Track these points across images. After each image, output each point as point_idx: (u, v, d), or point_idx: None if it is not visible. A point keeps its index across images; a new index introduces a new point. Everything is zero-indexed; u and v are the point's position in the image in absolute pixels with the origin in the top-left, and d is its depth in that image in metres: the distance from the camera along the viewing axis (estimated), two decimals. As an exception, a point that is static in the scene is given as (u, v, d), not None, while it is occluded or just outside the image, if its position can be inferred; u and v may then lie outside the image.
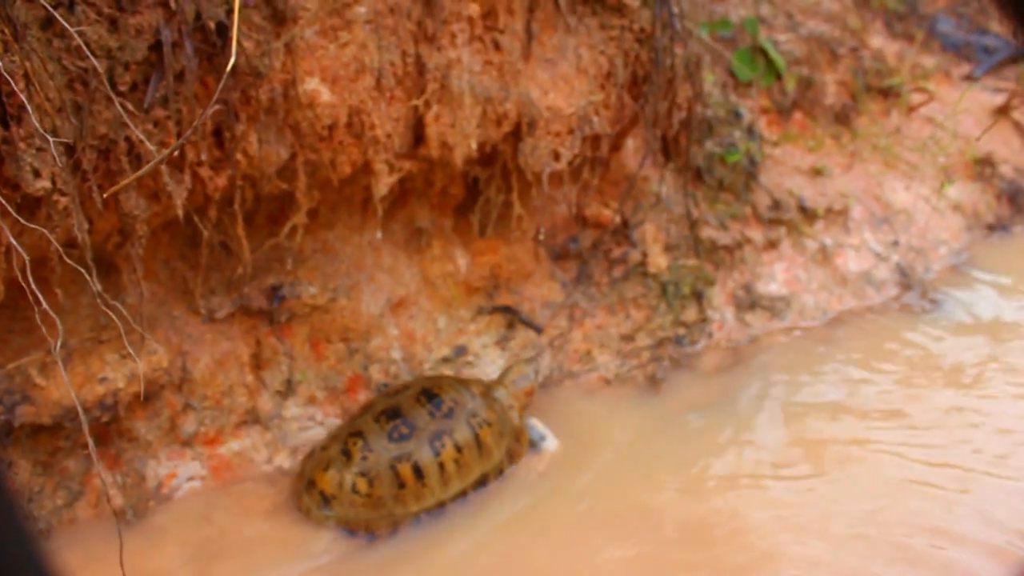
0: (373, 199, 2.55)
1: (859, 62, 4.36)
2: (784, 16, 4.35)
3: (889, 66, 4.52)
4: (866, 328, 3.23)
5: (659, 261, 3.01)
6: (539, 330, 2.85)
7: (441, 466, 2.22)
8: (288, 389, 2.60)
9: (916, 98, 4.46)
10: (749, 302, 3.16)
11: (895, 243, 3.68)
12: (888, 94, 4.39)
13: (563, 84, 2.61)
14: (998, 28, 5.82)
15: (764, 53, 3.93)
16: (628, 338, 2.93)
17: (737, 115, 3.55)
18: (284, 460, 2.52)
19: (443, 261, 2.83)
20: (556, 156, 2.61)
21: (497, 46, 2.50)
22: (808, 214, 3.53)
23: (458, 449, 2.25)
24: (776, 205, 3.43)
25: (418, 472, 2.21)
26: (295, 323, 2.62)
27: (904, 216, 3.84)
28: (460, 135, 2.48)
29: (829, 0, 4.75)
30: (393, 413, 2.27)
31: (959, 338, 3.19)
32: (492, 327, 2.86)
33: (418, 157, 2.55)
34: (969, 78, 5.21)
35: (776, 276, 3.30)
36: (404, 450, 2.21)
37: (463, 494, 2.29)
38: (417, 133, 2.51)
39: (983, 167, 4.26)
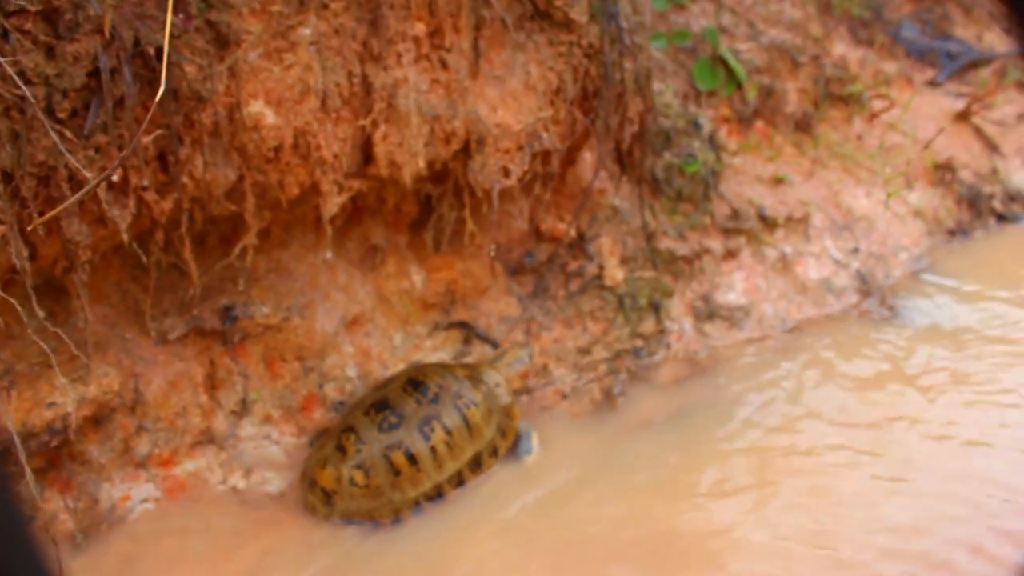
0: (327, 218, 2.54)
1: (820, 70, 4.37)
2: (746, 25, 4.36)
3: (851, 73, 4.53)
4: (825, 337, 3.22)
5: (615, 274, 3.00)
6: (495, 345, 2.84)
7: (433, 450, 2.29)
8: (243, 409, 2.59)
9: (878, 105, 4.47)
10: (708, 312, 3.16)
11: (855, 250, 3.68)
12: (850, 101, 4.40)
13: (512, 101, 2.60)
14: (962, 33, 5.83)
15: (724, 63, 3.93)
16: (585, 351, 2.93)
17: (697, 125, 3.55)
18: (239, 480, 2.51)
19: (398, 278, 2.82)
20: (506, 173, 2.60)
21: (444, 64, 2.49)
22: (768, 223, 3.53)
23: (448, 432, 2.32)
24: (735, 214, 3.43)
25: (411, 458, 2.28)
26: (249, 343, 2.60)
27: (865, 223, 3.85)
28: (408, 154, 2.47)
29: (792, 8, 4.76)
30: (381, 405, 2.35)
31: (917, 345, 3.19)
32: (448, 343, 2.85)
33: (368, 176, 2.54)
34: (932, 84, 5.23)
35: (735, 286, 3.30)
36: (395, 439, 2.28)
37: (459, 476, 2.37)
38: (366, 152, 2.51)
39: (944, 172, 4.27)
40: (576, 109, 2.75)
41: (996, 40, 5.83)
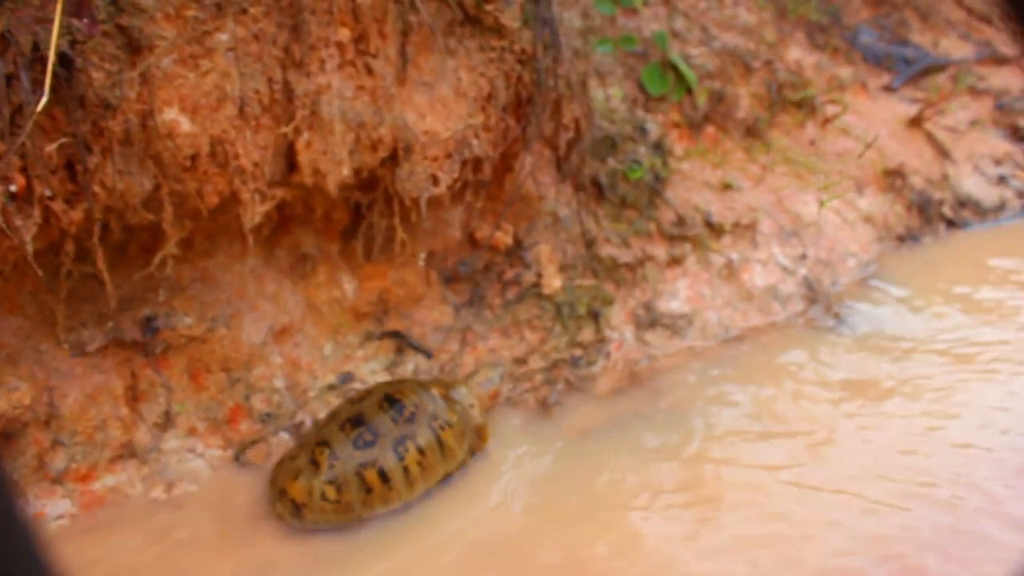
0: (252, 227, 2.46)
1: (774, 75, 4.31)
2: (699, 30, 4.30)
3: (805, 78, 4.48)
4: (768, 345, 3.16)
5: (554, 282, 2.93)
6: (429, 355, 2.77)
7: (406, 470, 2.28)
8: (166, 421, 2.50)
9: (831, 110, 4.42)
10: (650, 321, 3.09)
11: (803, 256, 3.62)
12: (803, 106, 4.35)
13: (441, 107, 2.53)
14: (918, 39, 5.80)
15: (675, 68, 3.86)
16: (521, 361, 2.85)
17: (643, 131, 3.49)
18: (160, 493, 2.42)
19: (329, 287, 2.74)
20: (435, 181, 2.53)
21: (370, 71, 2.41)
22: (715, 229, 3.47)
23: (421, 452, 2.30)
24: (681, 221, 3.36)
25: (384, 477, 2.26)
26: (172, 354, 2.51)
27: (813, 229, 3.79)
28: (332, 162, 2.39)
29: (746, 13, 4.70)
30: (357, 421, 2.31)
31: (860, 354, 3.14)
32: (381, 353, 2.77)
33: (292, 185, 2.46)
34: (888, 89, 5.19)
35: (679, 293, 3.24)
36: (369, 457, 2.26)
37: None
38: (289, 160, 2.43)
39: (894, 178, 4.22)
40: (509, 115, 2.68)
41: (952, 46, 5.80)
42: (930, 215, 4.20)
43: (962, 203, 4.37)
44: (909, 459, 2.60)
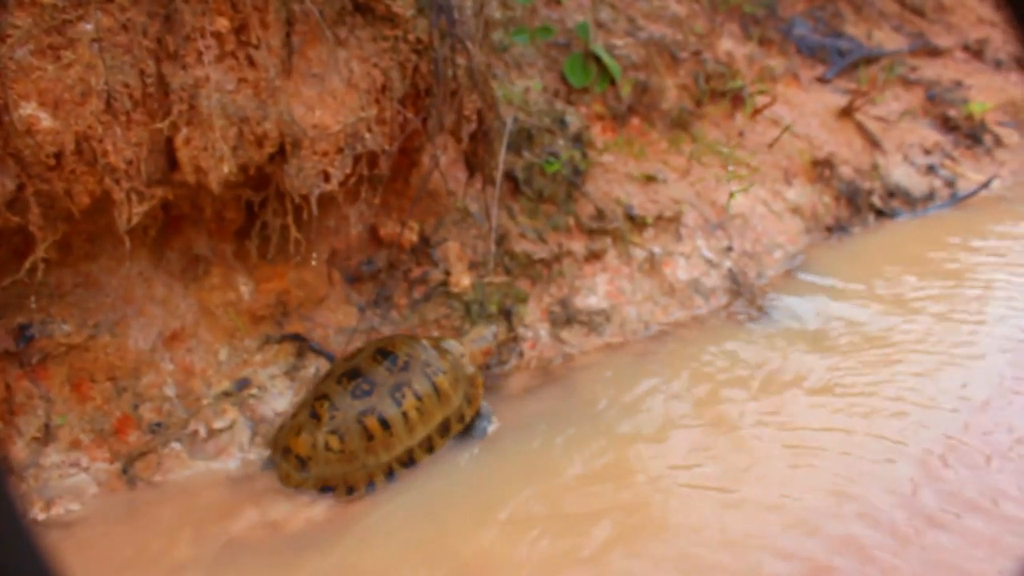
0: (137, 229, 2.29)
1: (702, 66, 4.18)
2: (626, 20, 4.16)
3: (735, 69, 4.35)
4: (688, 340, 3.03)
5: (463, 280, 2.78)
6: (331, 358, 2.61)
7: (404, 415, 2.30)
8: (47, 435, 2.32)
9: (761, 101, 4.30)
10: (566, 317, 2.95)
11: (728, 249, 3.50)
12: (732, 98, 4.22)
13: (332, 100, 2.36)
14: (853, 31, 5.71)
15: (598, 59, 3.72)
16: (431, 362, 2.70)
17: (563, 123, 3.34)
18: (39, 512, 2.24)
19: (224, 289, 2.57)
20: (326, 177, 2.36)
21: (252, 62, 2.24)
22: (637, 222, 3.33)
23: (418, 398, 2.32)
24: (600, 214, 3.22)
25: (384, 423, 2.28)
26: (51, 364, 2.33)
27: (740, 220, 3.67)
28: (214, 158, 2.22)
29: (676, 4, 4.57)
30: (353, 374, 2.33)
31: (780, 347, 3.02)
32: (281, 357, 2.60)
33: (174, 183, 2.28)
34: (821, 80, 5.09)
35: (597, 289, 3.10)
36: (368, 405, 2.28)
37: (430, 441, 2.37)
38: (170, 157, 2.25)
39: (823, 169, 4.11)
40: (408, 108, 2.52)
41: (885, 38, 5.71)
42: (859, 205, 4.09)
43: (891, 193, 4.27)
44: (818, 457, 2.48)
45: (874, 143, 4.51)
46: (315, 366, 2.62)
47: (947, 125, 5.00)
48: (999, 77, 5.64)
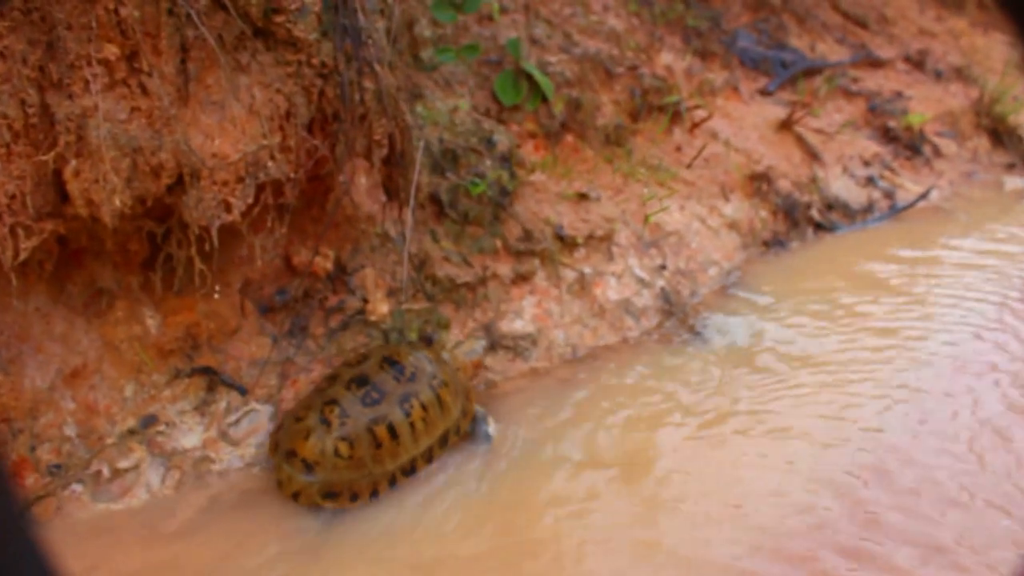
0: (31, 264, 2.18)
1: (638, 80, 4.11)
2: (561, 36, 4.08)
3: (673, 83, 4.29)
4: (617, 364, 2.95)
5: (381, 307, 2.68)
6: (243, 391, 2.50)
7: (412, 425, 2.31)
8: (-63, 480, 2.18)
9: (700, 115, 4.24)
10: (490, 343, 2.85)
11: (662, 267, 3.42)
12: (670, 112, 4.16)
13: (232, 128, 2.26)
14: (796, 43, 5.67)
15: (529, 76, 3.64)
16: (348, 393, 2.59)
17: (491, 142, 3.25)
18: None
19: (129, 323, 2.45)
20: (227, 207, 2.26)
21: (145, 91, 2.13)
22: (567, 242, 3.25)
23: (424, 408, 2.34)
24: (528, 236, 3.14)
25: (392, 432, 2.29)
26: (-60, 406, 2.21)
27: (675, 238, 3.60)
28: (106, 191, 2.11)
29: (615, 19, 4.50)
30: (362, 381, 2.33)
31: (711, 369, 2.94)
32: (191, 391, 2.49)
33: (66, 216, 2.17)
34: (764, 92, 5.04)
35: (524, 312, 3.01)
36: (378, 413, 2.28)
37: (430, 452, 2.39)
38: (61, 190, 2.13)
39: (761, 182, 4.05)
40: (316, 134, 2.42)
41: (828, 49, 5.68)
42: (797, 219, 4.04)
43: (830, 205, 4.22)
44: (740, 487, 2.40)
45: (814, 155, 4.46)
46: (226, 400, 2.51)
47: (887, 136, 4.97)
48: (939, 88, 5.62)
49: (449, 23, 3.62)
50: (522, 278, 3.07)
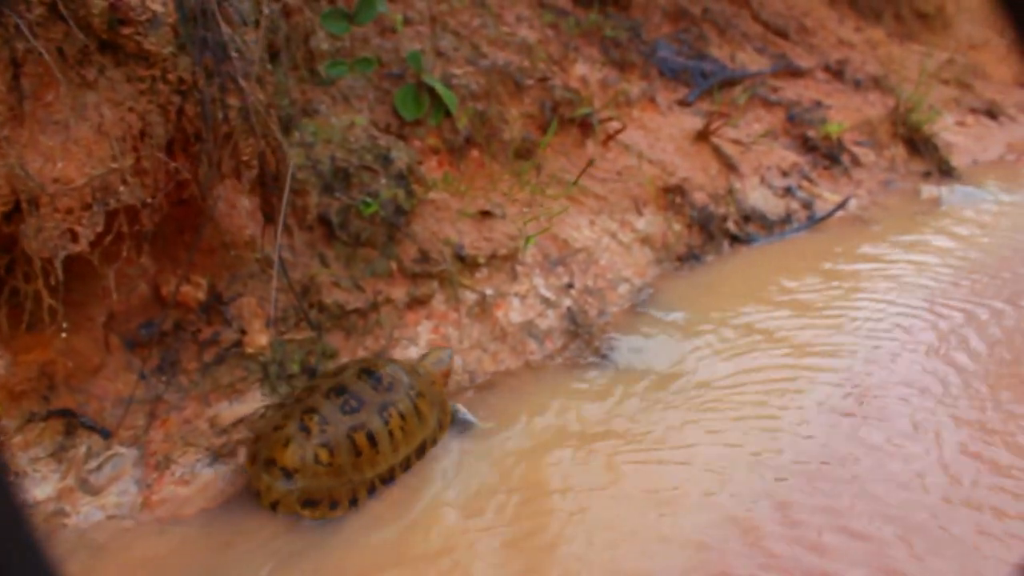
0: None
1: (549, 92, 3.96)
2: (469, 48, 3.92)
3: (586, 95, 4.15)
4: (517, 391, 2.78)
5: (259, 339, 2.48)
6: (106, 434, 2.28)
7: (391, 434, 2.30)
8: None
9: (614, 127, 4.10)
10: (382, 372, 2.66)
11: (569, 286, 3.27)
12: (582, 124, 4.01)
13: (77, 150, 2.05)
14: (717, 53, 5.59)
15: (431, 90, 3.47)
16: (224, 431, 2.39)
17: (387, 159, 3.07)
18: None
19: (-27, 364, 2.22)
20: (74, 236, 2.04)
21: (-28, 110, 1.92)
22: (468, 263, 3.08)
23: (402, 417, 2.33)
24: (425, 257, 2.96)
25: (372, 440, 2.27)
26: None
27: (584, 255, 3.44)
28: (-73, 221, 1.89)
29: (528, 30, 4.35)
30: (340, 390, 2.30)
31: (614, 394, 2.79)
32: (46, 436, 2.26)
33: None
34: (683, 103, 4.93)
35: (419, 338, 2.83)
36: (358, 421, 2.26)
37: (408, 461, 2.36)
38: None
39: (674, 195, 3.92)
40: (178, 155, 2.22)
41: (749, 59, 5.61)
42: (712, 232, 3.92)
43: (747, 217, 4.11)
44: (622, 528, 2.24)
45: (731, 166, 4.35)
46: (87, 444, 2.29)
47: (806, 145, 4.89)
48: (858, 97, 5.58)
49: (348, 35, 3.44)
50: (418, 302, 2.90)
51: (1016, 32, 0.70)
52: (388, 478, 2.32)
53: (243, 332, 2.49)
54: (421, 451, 2.41)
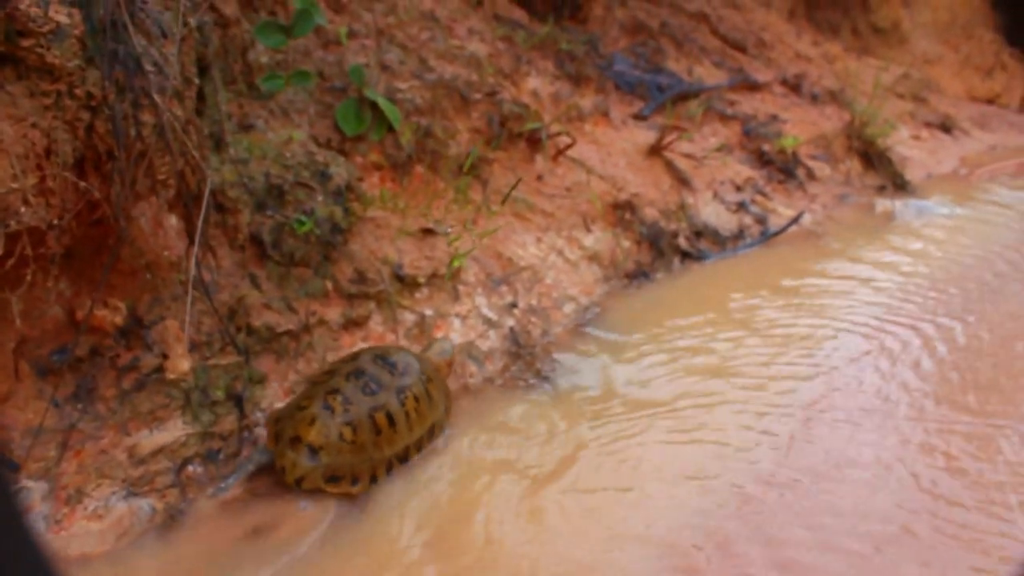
0: None
1: (497, 107, 3.88)
2: (417, 62, 3.82)
3: (536, 109, 4.07)
4: (452, 416, 2.68)
5: (181, 364, 2.37)
6: (14, 466, 2.15)
7: (407, 415, 2.39)
8: None
9: (564, 142, 4.02)
10: (313, 397, 2.55)
11: (512, 306, 3.18)
12: (531, 140, 3.93)
13: (-25, 169, 1.93)
14: (674, 66, 5.54)
15: (374, 104, 3.37)
16: (142, 462, 2.28)
17: (324, 176, 2.97)
18: None
19: None
20: (-30, 261, 1.93)
21: None
22: (407, 282, 2.98)
23: (417, 400, 2.42)
24: (362, 277, 2.86)
25: (391, 420, 2.36)
26: None
27: (529, 273, 3.36)
28: None
29: (478, 43, 4.27)
30: (359, 373, 2.39)
31: (554, 419, 2.70)
32: (-52, 469, 2.13)
33: None
34: (639, 117, 4.86)
35: (354, 361, 2.72)
36: (378, 402, 2.35)
37: (420, 442, 2.46)
38: None
39: (624, 211, 3.85)
40: (90, 174, 2.11)
41: (706, 73, 5.56)
42: (663, 248, 3.85)
43: (699, 233, 4.04)
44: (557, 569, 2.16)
45: (683, 181, 4.29)
46: (-7, 477, 2.16)
47: (761, 159, 4.85)
48: (814, 111, 5.54)
49: (288, 48, 3.34)
50: (354, 323, 2.79)
51: (1003, 17, 0.70)
52: (404, 457, 2.41)
53: (165, 357, 2.38)
54: (431, 433, 2.50)
